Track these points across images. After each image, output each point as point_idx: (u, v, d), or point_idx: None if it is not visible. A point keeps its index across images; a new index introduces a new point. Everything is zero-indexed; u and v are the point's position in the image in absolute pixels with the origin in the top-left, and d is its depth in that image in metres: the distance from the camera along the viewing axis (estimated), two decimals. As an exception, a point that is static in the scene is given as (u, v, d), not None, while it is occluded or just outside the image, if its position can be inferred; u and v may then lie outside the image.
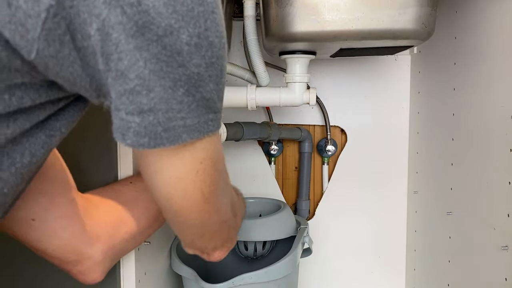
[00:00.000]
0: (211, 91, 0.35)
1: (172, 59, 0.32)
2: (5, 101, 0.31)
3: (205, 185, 0.40)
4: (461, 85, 0.89)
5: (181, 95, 0.33)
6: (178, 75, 0.32)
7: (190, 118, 0.34)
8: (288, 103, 0.92)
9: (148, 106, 0.32)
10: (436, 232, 1.01)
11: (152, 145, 0.34)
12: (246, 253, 0.99)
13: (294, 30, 0.76)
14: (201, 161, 0.38)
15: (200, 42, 0.33)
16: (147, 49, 0.31)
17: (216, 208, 0.44)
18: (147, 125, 0.33)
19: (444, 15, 0.93)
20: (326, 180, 1.23)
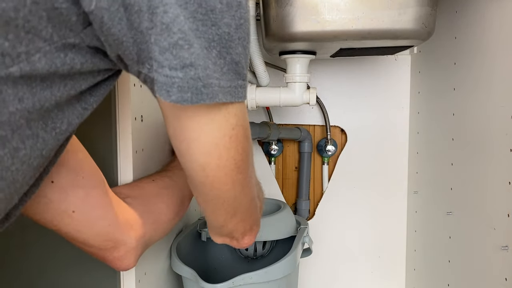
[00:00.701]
0: (239, 54, 0.36)
1: (207, 17, 0.33)
2: (61, 59, 0.33)
3: (238, 152, 0.41)
4: (461, 85, 0.89)
5: (215, 56, 0.35)
6: (212, 35, 0.34)
7: (223, 80, 0.36)
8: (288, 103, 0.92)
9: (190, 61, 0.34)
10: (436, 232, 1.01)
11: (195, 100, 0.35)
12: (246, 253, 0.99)
13: (294, 30, 0.76)
14: (233, 127, 0.39)
15: (231, 1, 0.34)
16: (186, 7, 0.33)
17: (248, 181, 0.45)
18: (189, 79, 0.34)
19: (444, 15, 0.93)
20: (326, 180, 1.23)
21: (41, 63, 0.31)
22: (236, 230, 0.52)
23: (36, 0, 0.30)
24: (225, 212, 0.48)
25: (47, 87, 0.33)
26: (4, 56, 0.30)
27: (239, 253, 1.01)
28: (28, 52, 0.31)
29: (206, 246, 1.00)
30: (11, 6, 0.29)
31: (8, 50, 0.30)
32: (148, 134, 0.77)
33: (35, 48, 0.31)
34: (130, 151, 0.66)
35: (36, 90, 0.32)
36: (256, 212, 0.53)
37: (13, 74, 0.30)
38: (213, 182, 0.42)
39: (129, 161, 0.65)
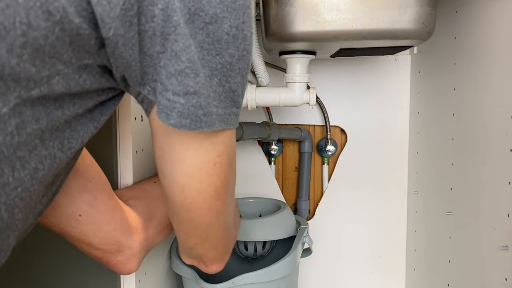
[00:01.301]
0: (238, 83, 0.38)
1: (213, 47, 0.35)
2: (76, 80, 0.34)
3: (219, 179, 0.42)
4: (461, 85, 0.89)
5: (216, 84, 0.36)
6: (215, 64, 0.36)
7: (220, 108, 0.37)
8: (288, 103, 0.92)
9: (194, 89, 0.35)
10: (436, 232, 1.01)
11: (193, 127, 0.36)
12: (246, 253, 0.99)
13: (294, 30, 0.76)
14: (219, 154, 0.40)
15: (237, 34, 0.36)
16: (195, 37, 0.34)
17: (225, 209, 0.46)
18: (190, 107, 0.35)
19: (444, 15, 0.93)
20: (326, 180, 1.23)
21: (58, 85, 0.33)
22: (205, 255, 0.53)
23: (64, 27, 0.31)
24: (197, 235, 0.49)
25: (59, 107, 0.34)
26: (29, 81, 0.31)
27: (239, 253, 1.01)
28: (49, 75, 0.32)
29: (206, 246, 1.00)
30: (42, 34, 0.30)
31: (34, 75, 0.31)
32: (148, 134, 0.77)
33: (55, 71, 0.32)
34: (130, 151, 0.66)
35: (50, 110, 0.34)
36: (228, 240, 0.54)
37: (32, 96, 0.32)
38: (190, 204, 0.43)
39: (129, 161, 0.65)
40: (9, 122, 0.31)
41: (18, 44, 0.29)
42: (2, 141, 0.31)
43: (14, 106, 0.31)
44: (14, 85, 0.30)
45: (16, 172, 0.33)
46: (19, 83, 0.30)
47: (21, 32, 0.29)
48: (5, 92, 0.30)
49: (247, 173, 1.22)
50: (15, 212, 0.34)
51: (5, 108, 0.30)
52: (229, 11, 0.35)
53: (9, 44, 0.29)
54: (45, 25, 0.30)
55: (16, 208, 0.34)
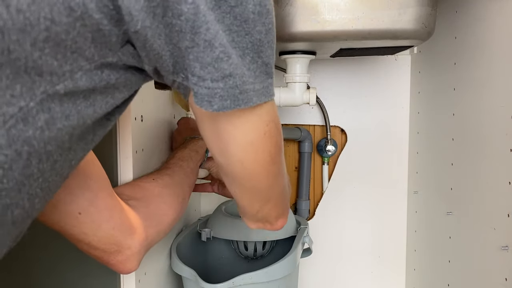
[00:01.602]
0: (269, 56, 0.39)
1: (241, 28, 0.36)
2: (99, 75, 0.35)
3: (272, 146, 0.44)
4: (461, 85, 0.89)
5: (249, 62, 0.37)
6: (245, 43, 0.37)
7: (257, 83, 0.38)
8: (288, 103, 0.92)
9: (229, 71, 0.36)
10: (436, 232, 1.01)
11: (232, 106, 0.37)
12: (246, 253, 0.99)
13: (294, 30, 0.77)
14: (267, 124, 0.42)
15: (261, 10, 0.37)
16: (223, 21, 0.35)
17: (280, 170, 0.48)
18: (228, 88, 0.37)
19: (444, 15, 0.93)
20: (326, 180, 1.23)
21: (82, 80, 0.34)
22: (270, 215, 0.55)
23: (84, 23, 0.32)
24: (261, 199, 0.51)
25: (90, 105, 0.36)
26: (52, 75, 0.32)
27: (239, 253, 1.01)
28: (72, 70, 0.33)
29: (206, 246, 1.00)
30: (64, 29, 0.31)
31: (56, 69, 0.32)
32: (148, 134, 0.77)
33: (78, 66, 0.33)
34: (130, 151, 0.66)
35: (81, 107, 0.35)
36: (287, 197, 0.56)
37: (58, 91, 0.33)
38: (250, 174, 0.45)
39: (129, 161, 0.65)
40: (38, 117, 0.32)
41: (41, 39, 0.30)
42: (32, 135, 0.32)
43: (41, 101, 0.32)
44: (39, 79, 0.31)
45: (41, 164, 0.34)
46: (43, 77, 0.31)
47: (44, 27, 0.30)
48: (31, 87, 0.31)
49: (247, 173, 1.22)
50: (35, 202, 0.36)
51: (32, 103, 0.31)
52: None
53: (33, 38, 0.30)
54: (66, 21, 0.31)
55: (37, 198, 0.35)
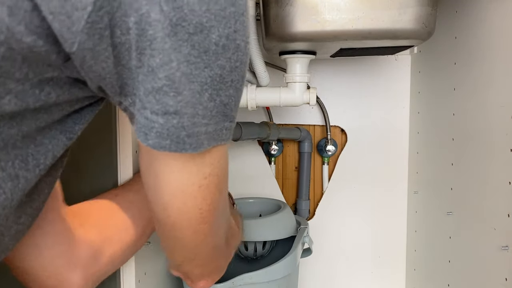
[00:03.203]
0: (230, 96, 0.35)
1: (200, 60, 0.32)
2: (36, 95, 0.31)
3: (205, 203, 0.39)
4: (461, 85, 0.89)
5: (206, 100, 0.33)
6: (204, 78, 0.32)
7: (211, 125, 0.34)
8: (288, 103, 0.92)
9: (174, 109, 0.32)
10: (436, 232, 1.01)
11: (174, 149, 0.34)
12: (246, 253, 0.99)
13: (294, 30, 0.76)
14: (205, 177, 0.38)
15: (228, 44, 0.33)
16: (180, 51, 0.31)
17: (213, 230, 0.42)
18: (170, 127, 0.33)
19: (444, 15, 0.93)
20: (326, 180, 1.23)
21: (10, 104, 0.30)
22: (192, 272, 0.50)
23: (11, 46, 0.28)
24: (184, 255, 0.46)
25: (15, 125, 0.32)
26: None
27: (239, 253, 1.01)
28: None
29: (206, 246, 1.00)
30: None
31: None
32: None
33: (5, 90, 0.30)
34: (130, 151, 0.66)
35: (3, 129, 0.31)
36: (217, 259, 0.50)
37: None
38: (174, 224, 0.40)
39: (129, 161, 0.65)
40: None
41: None
42: None
43: None
44: None
45: None
46: None
47: None
48: None
49: (247, 173, 1.22)
50: None
51: None
52: (217, 20, 0.32)
53: None
54: None
55: None
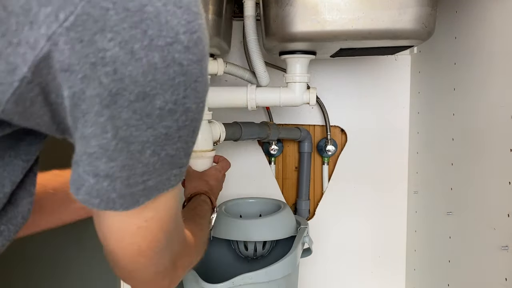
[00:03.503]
0: (178, 149, 0.34)
1: (141, 122, 0.31)
2: None
3: (144, 241, 0.37)
4: (461, 85, 0.89)
5: (148, 156, 0.32)
6: (147, 137, 0.32)
7: (152, 179, 0.34)
8: (288, 103, 0.92)
9: (105, 173, 0.32)
10: (436, 232, 1.01)
11: (103, 207, 0.33)
12: (246, 253, 0.99)
13: (294, 30, 0.76)
14: (146, 219, 0.36)
15: (175, 108, 0.32)
16: (119, 117, 0.30)
17: (152, 262, 0.41)
18: (100, 188, 0.32)
19: (444, 15, 0.93)
20: (326, 180, 1.23)
21: None
22: None
23: None
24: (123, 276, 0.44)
25: None
26: None
27: (239, 253, 1.01)
28: None
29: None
30: None
31: None
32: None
33: None
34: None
35: None
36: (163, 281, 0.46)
37: None
38: (111, 252, 0.39)
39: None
40: None
41: None
42: None
43: None
44: None
45: None
46: None
47: None
48: None
49: (247, 173, 1.22)
50: None
51: None
52: (163, 88, 0.30)
53: None
54: None
55: None
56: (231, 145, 1.12)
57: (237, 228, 0.91)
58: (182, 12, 0.30)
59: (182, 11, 0.30)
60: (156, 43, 0.29)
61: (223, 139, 0.93)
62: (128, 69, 0.29)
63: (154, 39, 0.29)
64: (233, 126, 0.97)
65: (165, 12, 0.30)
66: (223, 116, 1.02)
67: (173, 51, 0.30)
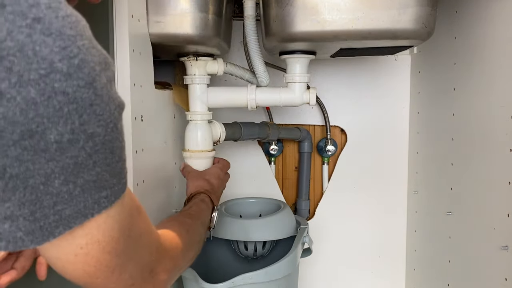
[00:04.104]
0: (98, 173, 0.32)
1: (38, 157, 0.28)
2: None
3: (89, 266, 0.35)
4: (461, 85, 0.89)
5: (58, 186, 0.30)
6: (50, 169, 0.29)
7: (71, 207, 0.31)
8: (288, 103, 0.92)
9: (3, 216, 0.29)
10: (436, 232, 1.01)
11: (11, 248, 0.30)
12: (246, 253, 0.99)
13: (294, 30, 0.76)
14: (82, 247, 0.34)
15: (74, 137, 0.29)
16: (6, 155, 0.28)
17: (113, 281, 0.38)
18: (3, 231, 0.30)
19: (444, 15, 0.93)
20: (326, 180, 1.23)
21: None
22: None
23: None
24: None
25: None
26: None
27: (239, 253, 1.01)
28: None
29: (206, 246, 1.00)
30: None
31: None
32: (148, 134, 0.77)
33: None
34: (130, 151, 0.66)
35: None
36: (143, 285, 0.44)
37: None
38: (64, 275, 0.37)
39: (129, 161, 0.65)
40: None
41: None
42: None
43: None
44: None
45: None
46: None
47: None
48: None
49: (247, 173, 1.22)
50: None
51: None
52: (53, 121, 0.28)
53: None
54: None
55: None
56: (231, 145, 1.12)
57: (237, 228, 0.91)
58: (53, 40, 0.28)
59: (53, 38, 0.28)
60: (27, 78, 0.27)
61: (223, 139, 0.93)
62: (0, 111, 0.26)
63: (23, 74, 0.27)
64: (233, 126, 0.97)
65: (30, 43, 0.27)
66: (223, 116, 1.02)
67: (51, 82, 0.28)
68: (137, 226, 0.40)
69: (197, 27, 0.78)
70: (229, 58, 1.15)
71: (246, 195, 1.12)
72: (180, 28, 0.78)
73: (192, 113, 0.89)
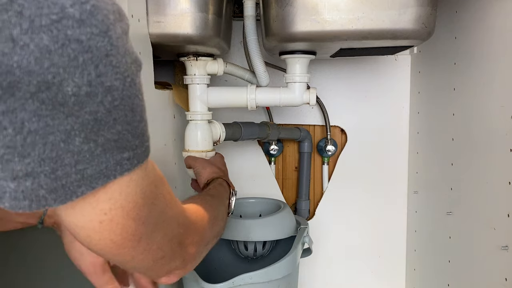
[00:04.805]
0: (119, 132, 0.31)
1: (57, 111, 0.28)
2: None
3: (115, 234, 0.35)
4: (461, 85, 0.89)
5: (79, 144, 0.29)
6: (70, 126, 0.29)
7: (92, 167, 0.31)
8: (288, 103, 0.92)
9: (24, 172, 0.29)
10: (436, 232, 1.01)
11: (35, 207, 0.30)
12: (246, 253, 0.99)
13: (294, 30, 0.76)
14: (105, 212, 0.33)
15: (92, 90, 0.29)
16: (23, 109, 0.27)
17: (141, 251, 0.38)
18: (25, 189, 0.29)
19: (444, 15, 0.93)
20: (326, 180, 1.23)
21: None
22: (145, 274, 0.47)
23: None
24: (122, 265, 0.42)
25: None
26: None
27: (239, 253, 1.01)
28: None
29: (206, 246, 1.00)
30: None
31: None
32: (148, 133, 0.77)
33: None
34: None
35: None
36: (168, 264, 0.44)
37: None
38: (91, 248, 0.36)
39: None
40: None
41: None
42: None
43: None
44: None
45: None
46: None
47: None
48: None
49: (247, 173, 1.22)
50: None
51: None
52: (68, 72, 0.27)
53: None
54: None
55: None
56: (231, 145, 1.12)
57: (237, 228, 0.91)
58: None
59: None
60: (39, 23, 0.26)
61: (223, 139, 0.93)
62: (14, 59, 0.25)
63: (34, 19, 0.26)
64: (233, 126, 0.97)
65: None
66: (223, 116, 1.02)
67: (63, 28, 0.26)
68: (161, 195, 0.39)
69: (197, 27, 0.79)
70: (229, 58, 1.15)
71: (246, 195, 1.12)
72: (180, 28, 0.78)
73: (192, 113, 0.89)
